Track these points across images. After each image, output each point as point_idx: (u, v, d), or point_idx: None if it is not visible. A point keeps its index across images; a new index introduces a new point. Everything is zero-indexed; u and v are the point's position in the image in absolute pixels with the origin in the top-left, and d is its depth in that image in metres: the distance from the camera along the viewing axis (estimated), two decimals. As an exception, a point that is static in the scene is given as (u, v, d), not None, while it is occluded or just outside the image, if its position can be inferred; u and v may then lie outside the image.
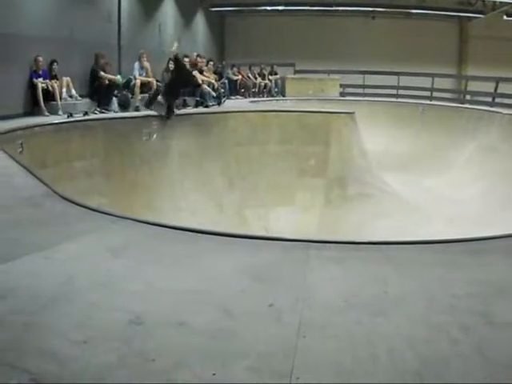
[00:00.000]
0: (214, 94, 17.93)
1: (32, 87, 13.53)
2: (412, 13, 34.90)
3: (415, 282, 3.79)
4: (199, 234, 4.95)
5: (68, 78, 14.83)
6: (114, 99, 15.21)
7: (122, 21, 20.31)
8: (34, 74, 13.72)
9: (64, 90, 14.51)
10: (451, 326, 3.07)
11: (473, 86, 30.38)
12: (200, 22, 32.16)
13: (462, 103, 27.10)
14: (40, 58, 13.83)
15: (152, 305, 3.31)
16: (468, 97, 29.93)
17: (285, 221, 12.43)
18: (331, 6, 33.54)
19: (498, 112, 20.17)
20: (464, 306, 3.34)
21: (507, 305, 3.40)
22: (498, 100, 25.28)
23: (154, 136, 13.09)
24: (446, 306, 3.34)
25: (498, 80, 26.17)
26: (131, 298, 3.41)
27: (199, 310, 3.26)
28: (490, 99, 25.85)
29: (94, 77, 15.18)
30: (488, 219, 11.88)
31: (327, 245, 4.67)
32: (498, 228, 6.00)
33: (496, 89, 25.93)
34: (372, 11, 34.95)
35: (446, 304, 3.37)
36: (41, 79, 13.64)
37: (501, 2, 31.77)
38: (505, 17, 33.58)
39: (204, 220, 8.93)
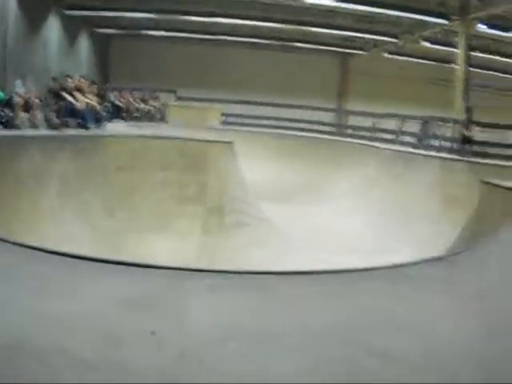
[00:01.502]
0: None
1: None
2: (296, 46, 35.57)
3: (293, 313, 3.94)
4: (78, 260, 4.95)
5: None
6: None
7: (7, 38, 19.93)
8: None
9: None
10: (333, 356, 3.23)
11: (353, 120, 31.22)
12: (85, 43, 31.86)
13: (343, 137, 27.85)
14: None
15: (31, 333, 3.30)
16: (348, 131, 30.74)
17: (164, 248, 12.39)
18: (215, 35, 33.79)
19: (376, 147, 20.94)
20: (344, 337, 3.51)
21: (386, 334, 3.60)
22: (377, 135, 26.20)
23: (36, 158, 12.83)
24: (327, 337, 3.50)
25: (377, 115, 27.11)
26: (9, 325, 3.38)
27: (80, 338, 3.28)
28: (369, 134, 26.74)
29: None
30: (368, 250, 12.28)
31: (205, 273, 4.77)
32: (378, 259, 6.28)
33: (375, 124, 26.84)
34: (256, 42, 35.35)
35: (325, 334, 3.54)
36: None
37: (382, 41, 32.87)
38: (386, 54, 34.86)
39: (83, 246, 8.85)
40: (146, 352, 3.14)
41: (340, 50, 37.17)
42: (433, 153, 19.98)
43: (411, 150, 20.76)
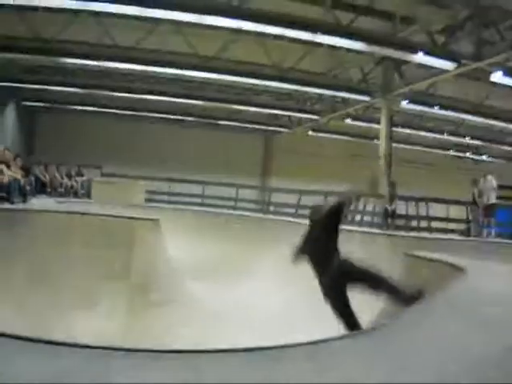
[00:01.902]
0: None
1: None
2: (221, 124, 36.07)
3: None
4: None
5: None
6: None
7: None
8: None
9: None
10: None
11: (276, 197, 31.52)
12: (10, 114, 31.61)
13: (266, 213, 28.06)
14: None
15: None
16: (272, 208, 31.00)
17: (87, 326, 12.10)
18: (140, 112, 34.00)
19: (300, 223, 21.07)
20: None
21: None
22: (301, 211, 26.44)
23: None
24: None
25: (300, 192, 27.47)
26: None
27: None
28: (293, 210, 27.00)
29: None
30: (291, 327, 12.19)
31: (129, 353, 4.62)
32: (301, 335, 6.18)
33: (299, 200, 27.14)
34: (181, 119, 35.70)
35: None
36: None
37: (306, 118, 33.59)
38: (310, 132, 35.61)
39: (2, 323, 8.53)
40: None
41: (264, 127, 37.76)
42: (356, 227, 20.21)
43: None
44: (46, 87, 30.20)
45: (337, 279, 8.34)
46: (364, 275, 8.34)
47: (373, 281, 8.20)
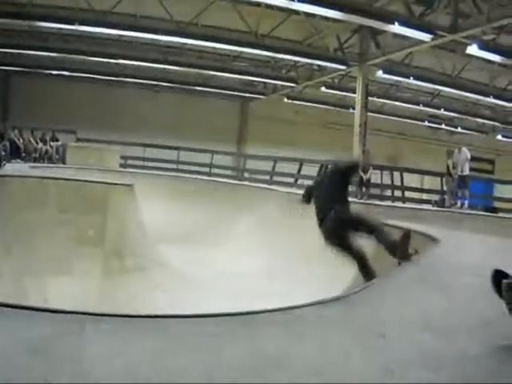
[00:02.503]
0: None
1: None
2: (196, 90, 35.82)
3: (193, 356, 3.86)
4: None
5: None
6: None
7: None
8: None
9: None
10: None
11: (252, 164, 31.50)
12: (-17, 79, 31.24)
13: (241, 180, 28.11)
14: None
15: None
16: (247, 174, 30.99)
17: (63, 292, 12.09)
18: (117, 77, 33.74)
19: (275, 190, 21.19)
20: (242, 379, 3.46)
21: (284, 376, 3.57)
22: (276, 178, 26.52)
23: None
24: (225, 380, 3.45)
25: (275, 159, 27.47)
26: None
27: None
28: (268, 177, 27.04)
29: None
30: (266, 293, 12.29)
31: (104, 318, 4.68)
32: (276, 300, 6.28)
33: (274, 167, 27.17)
34: (157, 85, 35.47)
35: (225, 377, 3.49)
36: None
37: (282, 85, 33.50)
38: (285, 99, 35.52)
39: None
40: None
41: (240, 94, 37.62)
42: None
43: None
44: (20, 51, 29.91)
45: (338, 224, 8.84)
46: (361, 221, 8.97)
47: (368, 226, 8.75)
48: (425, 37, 20.87)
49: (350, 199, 9.58)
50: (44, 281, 12.68)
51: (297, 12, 21.96)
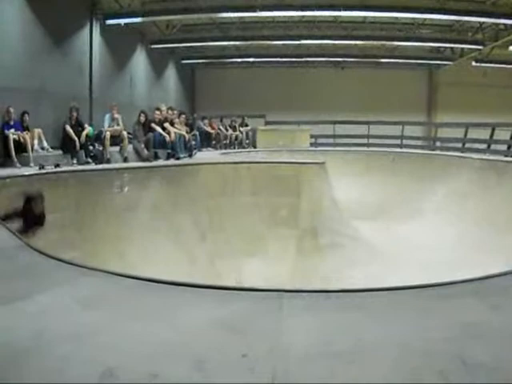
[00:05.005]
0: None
1: (3, 138, 13.47)
2: (381, 62, 35.36)
3: (389, 329, 3.77)
4: (171, 286, 4.91)
5: (39, 130, 14.82)
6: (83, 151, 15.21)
7: (93, 73, 20.47)
8: (6, 125, 13.70)
9: (36, 141, 14.47)
10: (428, 371, 3.05)
11: (443, 132, 30.66)
12: (171, 74, 32.50)
13: (433, 150, 27.43)
14: (11, 109, 13.81)
15: (124, 358, 3.26)
16: (438, 143, 30.19)
17: (257, 272, 12.37)
18: (301, 58, 33.86)
19: (468, 157, 20.46)
20: (440, 351, 3.33)
21: (483, 347, 3.40)
22: (468, 145, 25.65)
23: (126, 189, 13.06)
24: (422, 352, 3.32)
25: (467, 126, 26.56)
26: (103, 350, 3.35)
27: (172, 362, 3.21)
28: (460, 145, 26.20)
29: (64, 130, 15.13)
30: (461, 264, 11.92)
31: (300, 294, 4.66)
32: (470, 272, 6.04)
33: (466, 134, 26.28)
34: (341, 61, 35.31)
35: (422, 349, 3.35)
36: (12, 130, 13.62)
37: (469, 49, 32.31)
38: (473, 63, 34.19)
39: (176, 272, 8.83)
40: (237, 375, 3.05)
41: (426, 62, 36.69)
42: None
43: (504, 158, 20.10)
44: (204, 44, 30.75)
45: None
46: None
47: None
48: None
49: None
50: (238, 263, 12.97)
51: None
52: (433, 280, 5.06)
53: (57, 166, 13.09)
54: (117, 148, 16.12)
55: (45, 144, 14.95)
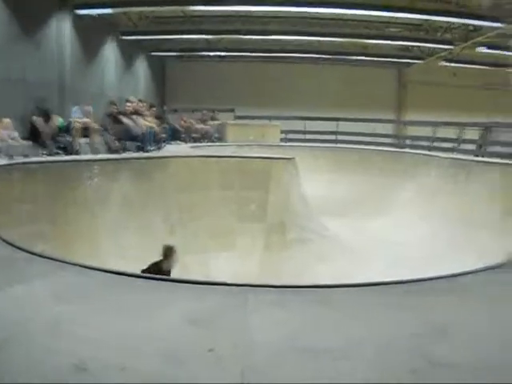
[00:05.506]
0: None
1: (-30, 128, 13.35)
2: (352, 59, 35.42)
3: (357, 325, 3.87)
4: (141, 280, 4.99)
5: (8, 120, 14.65)
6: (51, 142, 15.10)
7: (65, 63, 20.31)
8: (-28, 115, 13.56)
9: (5, 132, 14.34)
10: (398, 368, 3.15)
11: (412, 130, 30.88)
12: (141, 66, 32.29)
13: (402, 148, 27.61)
14: (-22, 99, 13.68)
15: (96, 350, 3.33)
16: (407, 141, 30.40)
17: (225, 266, 12.43)
18: (270, 52, 33.81)
19: (436, 156, 20.66)
20: (408, 348, 3.43)
21: (451, 345, 3.51)
22: (436, 144, 25.84)
23: (95, 180, 13.02)
24: (391, 348, 3.43)
25: (435, 124, 26.78)
26: (76, 343, 3.42)
27: (140, 355, 3.29)
28: (428, 143, 26.39)
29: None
30: (431, 260, 12.08)
31: (267, 289, 4.74)
32: (439, 269, 6.16)
33: (434, 133, 26.50)
34: (315, 58, 35.29)
35: (391, 346, 3.47)
36: (-20, 120, 13.49)
37: (439, 48, 32.50)
38: (443, 62, 34.41)
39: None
40: (205, 369, 3.13)
41: (396, 60, 36.86)
42: (495, 159, 19.47)
43: (472, 158, 20.30)
44: (175, 37, 30.60)
45: None
46: None
47: None
48: None
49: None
50: (207, 257, 13.02)
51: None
52: (401, 277, 5.17)
53: (25, 156, 13.02)
54: (87, 139, 16.05)
55: (15, 134, 14.82)
